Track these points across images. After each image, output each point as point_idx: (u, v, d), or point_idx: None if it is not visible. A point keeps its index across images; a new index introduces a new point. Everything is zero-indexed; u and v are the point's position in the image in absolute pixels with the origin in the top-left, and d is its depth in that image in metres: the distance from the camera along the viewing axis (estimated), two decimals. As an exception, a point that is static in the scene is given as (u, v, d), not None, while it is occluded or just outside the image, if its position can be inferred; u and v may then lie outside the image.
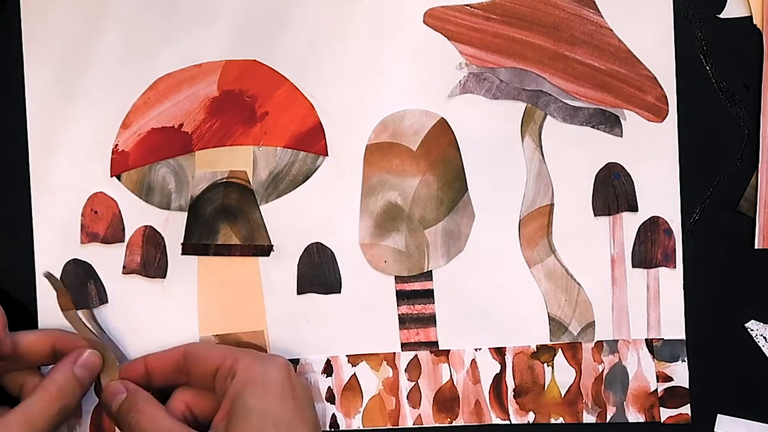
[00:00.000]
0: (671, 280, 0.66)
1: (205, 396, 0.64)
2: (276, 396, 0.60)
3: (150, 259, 0.68)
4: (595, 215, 0.66)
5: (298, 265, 0.67)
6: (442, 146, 0.67)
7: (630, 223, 0.66)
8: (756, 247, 0.66)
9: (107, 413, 0.65)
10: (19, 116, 0.68)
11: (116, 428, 0.66)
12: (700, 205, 0.66)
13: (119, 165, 0.68)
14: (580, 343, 0.67)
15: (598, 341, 0.67)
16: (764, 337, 0.66)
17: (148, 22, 0.67)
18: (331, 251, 0.67)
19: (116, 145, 0.68)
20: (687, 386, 0.66)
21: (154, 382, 0.65)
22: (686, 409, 0.66)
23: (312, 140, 0.67)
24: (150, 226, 0.68)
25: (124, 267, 0.68)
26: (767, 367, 0.66)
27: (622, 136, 0.66)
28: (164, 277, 0.68)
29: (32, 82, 0.68)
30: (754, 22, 0.65)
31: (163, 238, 0.68)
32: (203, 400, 0.64)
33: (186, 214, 0.67)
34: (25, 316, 0.68)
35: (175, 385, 0.65)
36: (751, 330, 0.66)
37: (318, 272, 0.67)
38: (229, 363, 0.62)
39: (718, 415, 0.66)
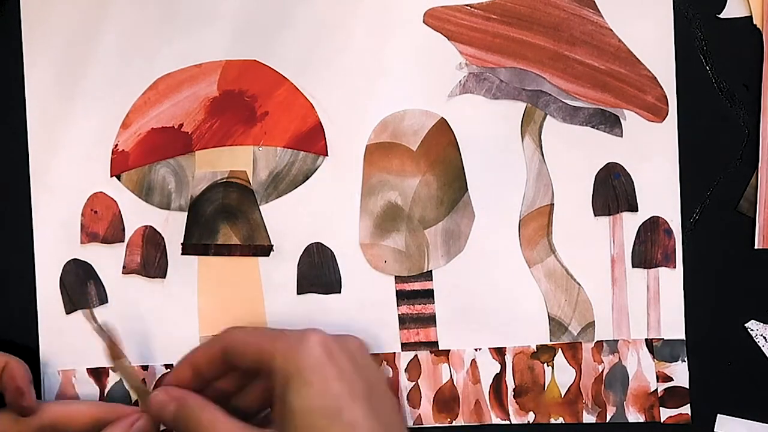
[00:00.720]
0: (671, 280, 0.66)
1: (250, 391, 0.62)
2: (317, 387, 0.56)
3: (150, 259, 0.68)
4: (595, 215, 0.66)
5: (298, 265, 0.67)
6: (442, 146, 0.67)
7: (630, 223, 0.66)
8: (756, 247, 0.66)
9: (164, 425, 0.63)
10: (19, 116, 0.68)
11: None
12: (700, 205, 0.66)
13: (119, 165, 0.68)
14: (580, 343, 0.67)
15: (598, 341, 0.67)
16: (764, 337, 0.66)
17: (148, 22, 0.67)
18: (331, 251, 0.67)
19: (116, 145, 0.68)
20: (687, 386, 0.66)
21: (206, 379, 0.62)
22: (686, 409, 0.66)
23: (312, 140, 0.67)
24: (150, 226, 0.68)
25: (124, 267, 0.68)
26: (767, 367, 0.66)
27: (622, 136, 0.66)
28: (164, 277, 0.68)
29: (32, 82, 0.68)
30: (754, 22, 0.65)
31: (162, 238, 0.68)
32: (249, 395, 0.62)
33: (186, 214, 0.68)
34: (25, 317, 0.68)
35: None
36: (751, 330, 0.66)
37: (318, 272, 0.67)
38: (267, 359, 0.58)
39: (718, 415, 0.66)
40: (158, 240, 0.68)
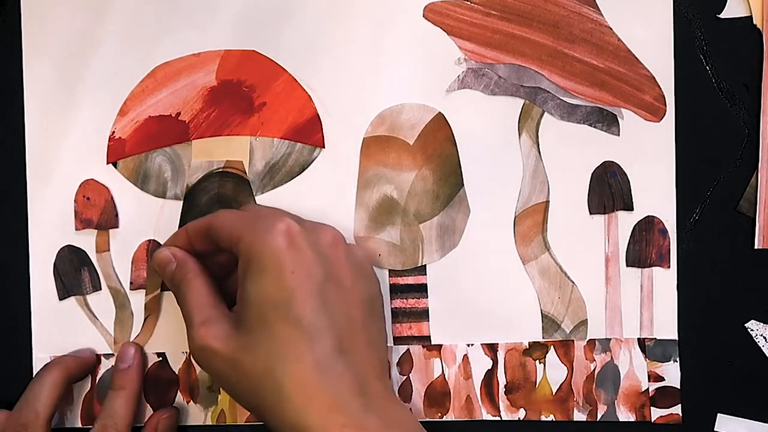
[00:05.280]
0: (665, 280, 0.66)
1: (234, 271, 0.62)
2: (271, 277, 0.57)
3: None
4: (591, 213, 0.66)
5: (292, 257, 0.67)
6: (439, 141, 0.67)
7: (625, 222, 0.66)
8: (756, 247, 0.65)
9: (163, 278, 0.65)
10: (17, 102, 0.68)
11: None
12: (699, 205, 0.66)
13: (116, 152, 0.68)
14: (573, 340, 0.66)
15: (590, 339, 0.66)
16: (764, 337, 0.65)
17: (149, 11, 0.68)
18: (325, 243, 0.67)
19: (113, 132, 0.68)
20: (678, 386, 0.66)
21: (197, 252, 0.64)
22: (677, 410, 0.66)
23: (309, 132, 0.67)
24: (154, 240, 0.68)
25: (131, 283, 0.68)
26: (767, 367, 0.65)
27: (619, 134, 0.66)
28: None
29: (31, 69, 0.68)
30: (754, 22, 0.65)
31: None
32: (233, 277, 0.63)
33: (181, 203, 0.68)
34: (18, 302, 0.69)
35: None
36: (751, 330, 0.66)
37: (312, 264, 0.67)
38: (236, 243, 0.59)
39: (719, 414, 0.66)
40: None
